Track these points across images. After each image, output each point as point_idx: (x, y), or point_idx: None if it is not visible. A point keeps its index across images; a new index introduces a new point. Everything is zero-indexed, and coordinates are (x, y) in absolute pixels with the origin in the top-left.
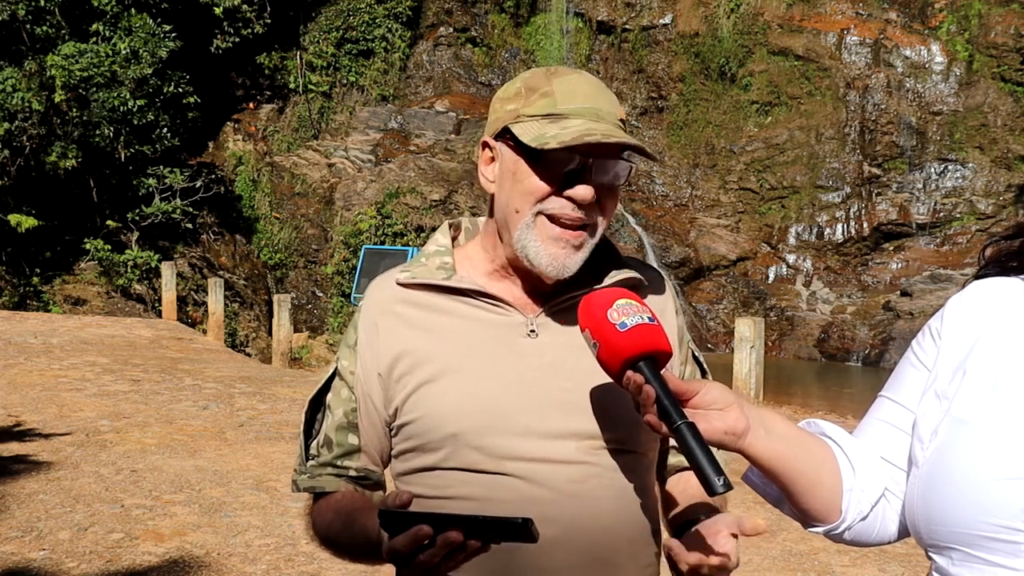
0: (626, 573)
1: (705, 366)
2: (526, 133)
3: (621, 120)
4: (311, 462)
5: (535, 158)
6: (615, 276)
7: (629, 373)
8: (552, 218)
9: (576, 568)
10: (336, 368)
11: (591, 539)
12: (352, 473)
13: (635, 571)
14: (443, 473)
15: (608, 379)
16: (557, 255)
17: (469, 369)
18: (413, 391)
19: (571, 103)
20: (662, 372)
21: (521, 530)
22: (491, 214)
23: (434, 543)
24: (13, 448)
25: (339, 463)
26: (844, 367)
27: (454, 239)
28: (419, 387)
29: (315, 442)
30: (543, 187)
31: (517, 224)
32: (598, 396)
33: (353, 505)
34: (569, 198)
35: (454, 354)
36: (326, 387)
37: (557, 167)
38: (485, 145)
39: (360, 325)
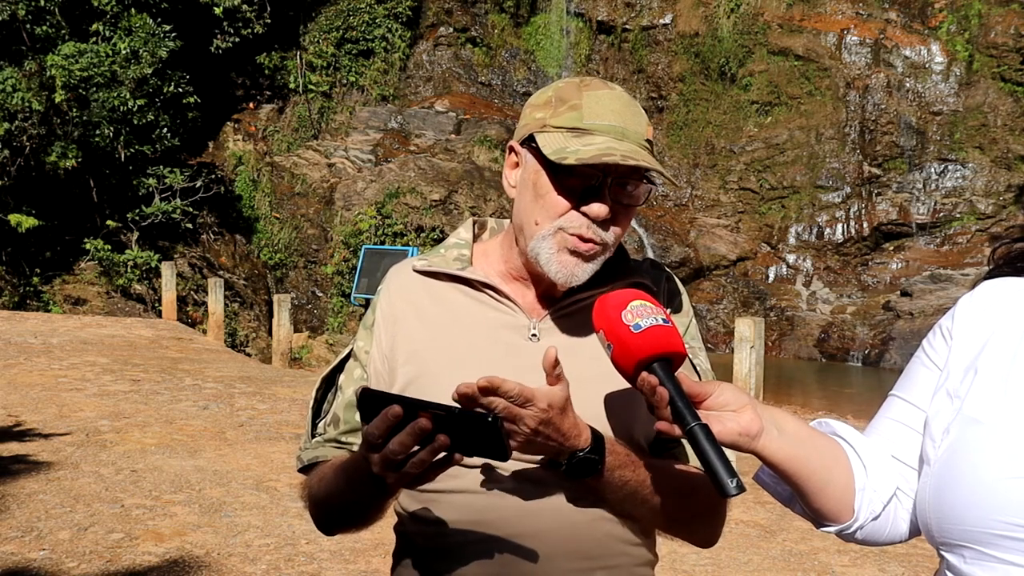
0: (621, 572)
1: (699, 371)
2: (548, 145)
3: (648, 140)
4: (316, 439)
5: (556, 171)
6: (623, 281)
7: (643, 375)
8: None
9: (570, 566)
10: (352, 349)
11: (585, 537)
12: (354, 449)
13: (630, 569)
14: None
15: (605, 387)
16: (567, 263)
17: (466, 368)
18: (408, 384)
19: (597, 119)
20: (676, 374)
21: (491, 435)
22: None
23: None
24: (13, 448)
25: (343, 439)
26: (844, 367)
27: (477, 236)
28: (414, 380)
29: (323, 421)
30: (563, 204)
31: (535, 235)
32: (596, 403)
33: (346, 458)
34: (585, 214)
35: (452, 352)
36: (339, 367)
37: (577, 182)
38: (511, 149)
39: (379, 307)
